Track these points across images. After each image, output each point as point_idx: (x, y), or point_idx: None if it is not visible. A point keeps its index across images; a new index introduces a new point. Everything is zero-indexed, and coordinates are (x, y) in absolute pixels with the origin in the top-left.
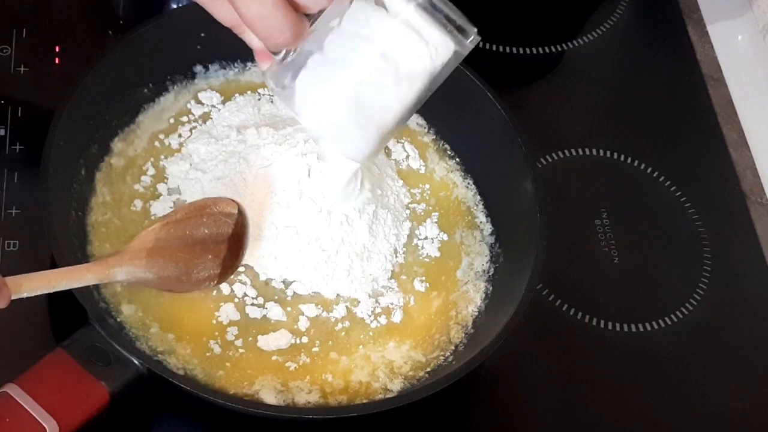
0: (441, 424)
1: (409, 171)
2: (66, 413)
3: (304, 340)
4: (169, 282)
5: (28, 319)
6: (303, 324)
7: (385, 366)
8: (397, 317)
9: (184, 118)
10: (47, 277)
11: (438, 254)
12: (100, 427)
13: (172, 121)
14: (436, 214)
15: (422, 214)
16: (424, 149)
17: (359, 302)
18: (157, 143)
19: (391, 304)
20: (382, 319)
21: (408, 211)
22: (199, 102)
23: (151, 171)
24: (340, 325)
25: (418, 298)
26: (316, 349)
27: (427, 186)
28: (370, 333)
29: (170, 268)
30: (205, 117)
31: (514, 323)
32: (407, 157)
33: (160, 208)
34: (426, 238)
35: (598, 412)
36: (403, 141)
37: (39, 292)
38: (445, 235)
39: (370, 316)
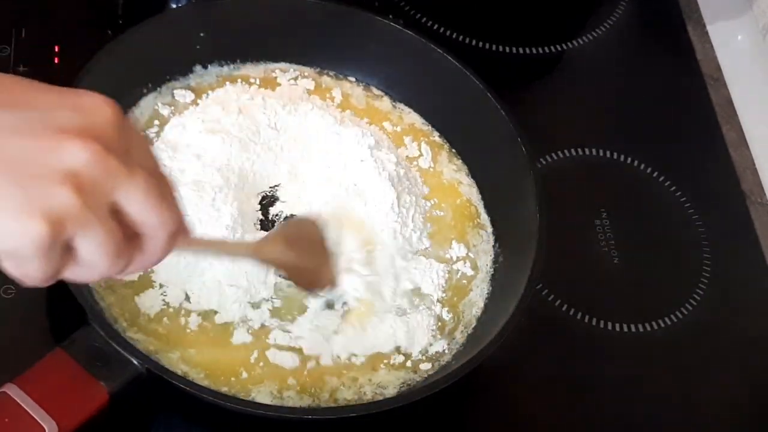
0: (441, 424)
1: (419, 169)
2: (65, 413)
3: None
4: (304, 273)
5: (27, 319)
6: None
7: (373, 387)
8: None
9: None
10: (215, 244)
11: (472, 272)
12: (99, 427)
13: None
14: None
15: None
16: (438, 150)
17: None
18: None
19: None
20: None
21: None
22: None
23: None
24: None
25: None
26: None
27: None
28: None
29: (305, 257)
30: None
31: (514, 323)
32: (419, 156)
33: None
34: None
35: (598, 412)
36: (420, 141)
37: (202, 253)
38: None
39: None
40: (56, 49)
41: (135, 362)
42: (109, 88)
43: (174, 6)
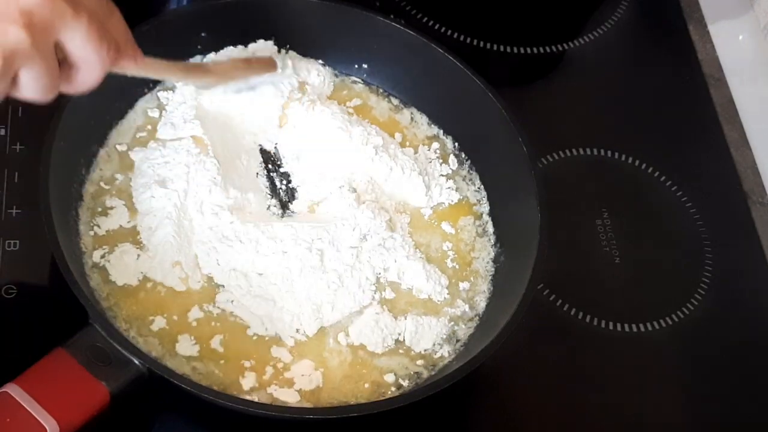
0: (441, 424)
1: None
2: (66, 413)
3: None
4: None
5: (28, 318)
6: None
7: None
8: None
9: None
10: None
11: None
12: (100, 427)
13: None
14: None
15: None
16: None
17: None
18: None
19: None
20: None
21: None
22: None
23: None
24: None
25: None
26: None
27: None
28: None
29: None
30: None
31: (515, 323)
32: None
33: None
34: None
35: (598, 411)
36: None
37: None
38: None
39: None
40: None
41: (136, 362)
42: (109, 87)
43: (174, 6)
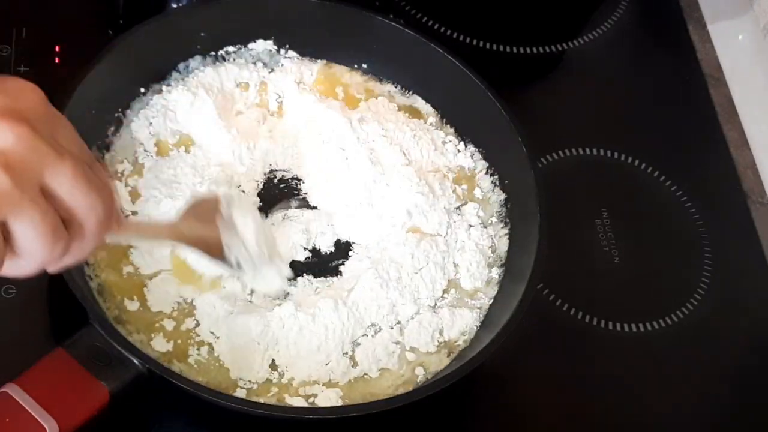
0: (441, 424)
1: None
2: (66, 413)
3: None
4: (212, 244)
5: (28, 318)
6: None
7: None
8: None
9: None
10: (142, 229)
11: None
12: (100, 427)
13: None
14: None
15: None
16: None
17: None
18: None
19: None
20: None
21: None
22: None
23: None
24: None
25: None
26: None
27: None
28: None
29: (213, 229)
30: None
31: (515, 323)
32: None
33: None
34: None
35: (598, 412)
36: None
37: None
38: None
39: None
40: (57, 49)
41: (136, 362)
42: (109, 87)
43: (174, 6)
